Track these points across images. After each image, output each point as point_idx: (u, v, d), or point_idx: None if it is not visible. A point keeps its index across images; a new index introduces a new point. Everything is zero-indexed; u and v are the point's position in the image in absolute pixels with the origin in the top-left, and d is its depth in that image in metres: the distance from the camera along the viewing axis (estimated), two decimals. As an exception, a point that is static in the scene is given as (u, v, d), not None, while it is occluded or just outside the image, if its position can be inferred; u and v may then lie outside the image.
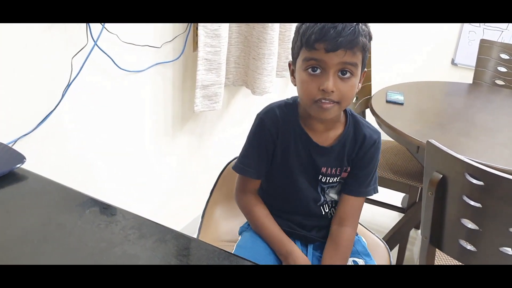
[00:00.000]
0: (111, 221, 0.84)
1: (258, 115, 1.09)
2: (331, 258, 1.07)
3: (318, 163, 1.07)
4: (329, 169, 1.08)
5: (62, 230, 0.81)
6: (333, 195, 1.14)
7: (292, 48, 1.02)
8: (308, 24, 0.95)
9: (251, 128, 1.10)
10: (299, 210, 1.13)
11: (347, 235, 1.09)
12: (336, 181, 1.11)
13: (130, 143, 1.60)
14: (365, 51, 0.96)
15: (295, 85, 1.03)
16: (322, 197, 1.12)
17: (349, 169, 1.10)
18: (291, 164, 1.08)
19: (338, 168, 1.09)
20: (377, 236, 1.31)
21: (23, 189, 0.93)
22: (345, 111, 1.08)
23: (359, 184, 1.10)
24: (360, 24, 0.94)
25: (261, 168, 1.11)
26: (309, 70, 0.96)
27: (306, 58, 0.95)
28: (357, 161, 1.09)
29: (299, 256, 1.06)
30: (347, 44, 0.91)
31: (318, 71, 0.95)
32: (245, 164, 1.12)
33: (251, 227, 1.15)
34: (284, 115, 1.07)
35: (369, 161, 1.09)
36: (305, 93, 0.98)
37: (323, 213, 1.13)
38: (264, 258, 1.08)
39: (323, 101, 0.95)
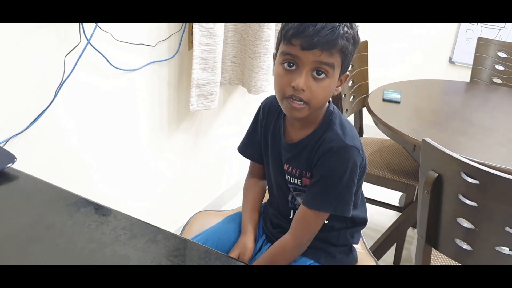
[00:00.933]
0: (102, 221, 0.83)
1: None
2: (262, 256, 1.07)
3: (283, 159, 1.08)
4: (290, 167, 1.06)
5: (51, 230, 0.80)
6: (300, 202, 1.08)
7: (276, 39, 0.99)
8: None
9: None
10: (274, 204, 1.16)
11: (282, 241, 1.04)
12: (299, 185, 1.06)
13: (125, 143, 1.59)
14: (345, 54, 0.93)
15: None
16: (290, 197, 1.11)
17: (309, 175, 1.04)
18: (268, 155, 1.12)
19: (298, 170, 1.05)
20: (369, 251, 1.28)
21: (13, 189, 0.92)
22: (326, 113, 1.02)
23: (309, 193, 1.01)
24: (343, 25, 0.90)
25: (255, 151, 1.17)
26: (285, 64, 0.93)
27: (283, 52, 0.93)
28: (313, 167, 1.02)
29: (248, 248, 1.11)
30: (324, 44, 0.89)
31: (294, 67, 0.93)
32: (243, 144, 1.21)
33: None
34: (275, 105, 1.09)
35: (320, 169, 0.98)
36: (277, 87, 0.96)
37: (290, 216, 1.11)
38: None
39: (293, 99, 0.93)
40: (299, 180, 1.06)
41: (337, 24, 0.89)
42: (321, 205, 0.99)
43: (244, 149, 1.20)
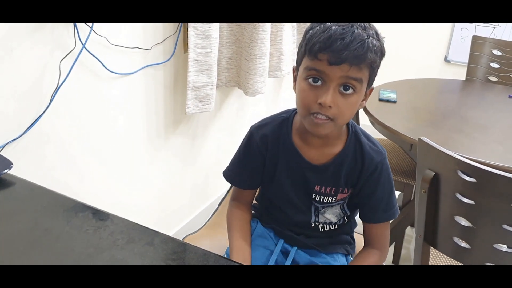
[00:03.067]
0: (100, 226, 0.83)
1: (251, 127, 1.08)
2: None
3: (311, 181, 1.02)
4: (323, 187, 1.03)
5: (49, 235, 0.80)
6: (329, 216, 1.08)
7: (298, 53, 0.95)
8: (316, 29, 0.88)
9: (243, 139, 1.09)
10: (290, 222, 1.11)
11: (372, 254, 1.06)
12: (332, 201, 1.05)
13: (122, 147, 1.59)
14: (373, 68, 0.89)
15: (295, 92, 0.97)
16: (313, 217, 1.08)
17: (346, 190, 1.03)
18: (281, 181, 1.05)
19: (334, 188, 1.03)
20: None
21: (10, 194, 0.92)
22: (348, 126, 1.02)
23: (372, 210, 1.04)
24: (371, 38, 0.86)
25: (248, 179, 1.10)
26: (310, 80, 0.89)
27: (307, 67, 0.89)
28: (362, 187, 1.02)
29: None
30: (353, 59, 0.84)
31: (319, 82, 0.88)
32: (234, 172, 1.12)
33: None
34: (275, 131, 1.04)
35: (375, 187, 1.01)
36: (302, 103, 0.91)
37: (313, 226, 1.09)
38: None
39: (319, 115, 0.89)
40: (333, 198, 1.04)
41: (366, 36, 0.85)
42: (384, 216, 1.05)
43: (234, 176, 1.11)
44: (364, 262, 1.05)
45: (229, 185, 1.26)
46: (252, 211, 1.18)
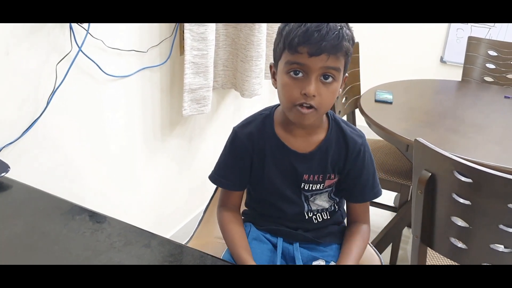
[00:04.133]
0: (97, 228, 0.83)
1: (233, 128, 1.10)
2: (349, 247, 1.08)
3: (300, 170, 1.05)
4: (311, 176, 1.06)
5: (46, 238, 0.80)
6: (320, 202, 1.11)
7: (274, 50, 0.99)
8: (291, 25, 0.93)
9: (227, 140, 1.11)
10: (285, 217, 1.11)
11: (363, 228, 1.12)
12: (321, 188, 1.08)
13: (119, 149, 1.59)
14: (348, 55, 0.95)
15: (276, 87, 1.01)
16: (306, 206, 1.10)
17: (333, 176, 1.07)
18: (271, 175, 1.07)
19: (321, 175, 1.06)
20: (373, 248, 1.29)
21: (6, 198, 0.92)
22: (327, 115, 1.07)
23: (361, 191, 1.10)
24: (344, 28, 0.92)
25: (236, 180, 1.11)
26: (291, 73, 0.93)
27: (288, 61, 0.93)
28: (348, 171, 1.07)
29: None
30: (331, 49, 0.90)
31: (300, 74, 0.93)
32: (219, 175, 1.12)
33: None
34: (259, 128, 1.07)
35: (361, 168, 1.07)
36: (286, 96, 0.96)
37: (307, 218, 1.11)
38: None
39: (304, 105, 0.94)
40: (321, 185, 1.07)
41: (339, 27, 0.90)
42: (371, 194, 1.11)
43: (221, 179, 1.11)
44: (359, 237, 1.10)
45: (211, 194, 1.31)
46: (243, 217, 1.18)
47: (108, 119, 1.50)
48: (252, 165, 1.09)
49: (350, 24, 0.96)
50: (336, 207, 1.15)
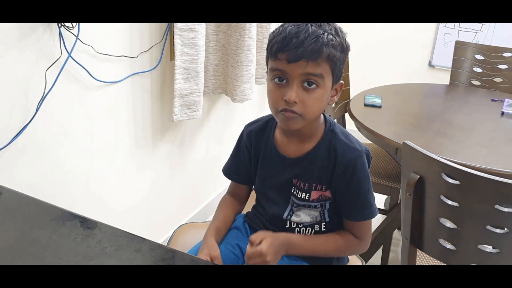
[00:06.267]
0: (88, 234, 0.83)
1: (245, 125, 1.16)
2: (319, 235, 1.08)
3: (289, 174, 1.06)
4: (299, 182, 1.06)
5: (36, 245, 0.80)
6: (302, 216, 1.08)
7: (265, 58, 1.01)
8: (275, 31, 0.94)
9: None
10: (266, 217, 1.14)
11: (350, 237, 1.07)
12: (307, 199, 1.06)
13: (109, 155, 1.59)
14: (334, 62, 0.93)
15: None
16: (287, 211, 1.08)
17: (320, 187, 1.04)
18: (262, 175, 1.12)
19: (307, 183, 1.05)
20: (358, 257, 1.30)
21: (-4, 205, 0.91)
22: (325, 124, 1.05)
23: (348, 209, 1.05)
24: (327, 33, 0.90)
25: (239, 173, 1.18)
26: (275, 80, 0.95)
27: (271, 68, 0.95)
28: (337, 184, 1.03)
29: (218, 250, 1.05)
30: (310, 55, 0.89)
31: (284, 81, 0.94)
32: (227, 166, 1.20)
33: None
34: (261, 128, 1.12)
35: (348, 184, 1.02)
36: (270, 102, 0.98)
37: (288, 226, 1.10)
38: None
39: (287, 111, 0.94)
40: (307, 194, 1.05)
41: (321, 32, 0.90)
42: (365, 215, 1.05)
43: (228, 171, 1.19)
44: (338, 236, 1.06)
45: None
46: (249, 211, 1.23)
47: (99, 125, 1.50)
48: (251, 162, 1.14)
49: (346, 31, 0.96)
50: (324, 227, 1.09)
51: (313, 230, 1.10)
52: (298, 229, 1.10)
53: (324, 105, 0.98)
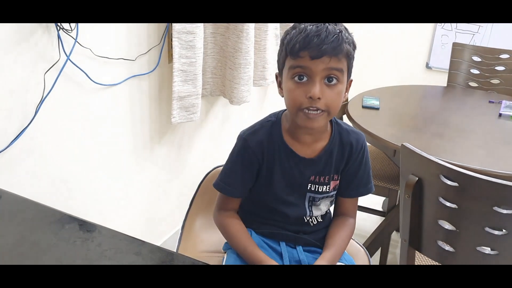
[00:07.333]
0: (87, 237, 0.83)
1: (241, 136, 1.09)
2: (334, 239, 1.10)
3: (306, 174, 1.08)
4: (317, 177, 1.09)
5: (36, 248, 0.79)
6: (323, 208, 1.14)
7: (278, 60, 1.03)
8: (292, 34, 0.96)
9: (234, 148, 1.10)
10: (287, 221, 1.13)
11: (350, 221, 1.15)
12: (327, 191, 1.11)
13: (108, 158, 1.59)
14: (350, 58, 0.98)
15: (282, 96, 1.03)
16: (308, 211, 1.12)
17: (336, 177, 1.11)
18: (278, 182, 1.08)
19: (327, 176, 1.09)
20: (357, 242, 1.32)
21: (-5, 208, 0.91)
22: (330, 120, 1.08)
23: (356, 187, 1.13)
24: (343, 32, 0.96)
25: (244, 188, 1.11)
26: (296, 78, 0.96)
27: (292, 66, 0.96)
28: (349, 168, 1.11)
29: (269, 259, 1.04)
30: (332, 51, 0.93)
31: (305, 79, 0.96)
32: (227, 183, 1.11)
33: (229, 244, 1.14)
34: (268, 134, 1.07)
35: (360, 164, 1.11)
36: (292, 101, 0.98)
37: (305, 221, 1.14)
38: None
39: (310, 109, 0.96)
40: (327, 187, 1.10)
41: (338, 31, 0.95)
42: (370, 189, 1.15)
43: (227, 187, 1.11)
44: (345, 230, 1.13)
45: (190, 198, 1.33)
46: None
47: (97, 127, 1.50)
48: (259, 173, 1.09)
49: (350, 30, 1.00)
50: (328, 210, 1.17)
51: (321, 216, 1.16)
52: (311, 219, 1.14)
53: (342, 100, 1.01)
